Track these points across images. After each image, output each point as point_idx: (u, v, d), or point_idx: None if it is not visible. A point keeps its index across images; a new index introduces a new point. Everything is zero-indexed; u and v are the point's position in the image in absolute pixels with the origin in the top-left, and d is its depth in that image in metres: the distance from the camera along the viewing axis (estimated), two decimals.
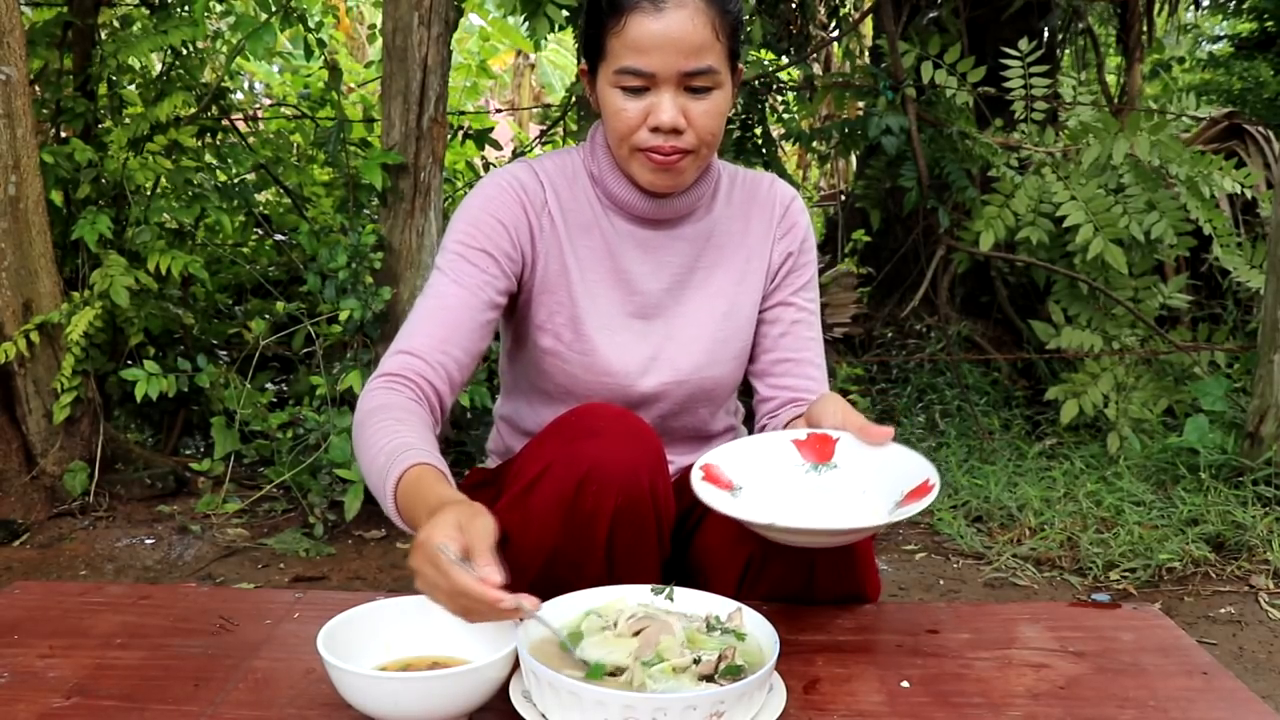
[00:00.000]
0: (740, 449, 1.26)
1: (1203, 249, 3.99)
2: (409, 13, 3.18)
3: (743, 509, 1.15)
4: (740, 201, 1.45)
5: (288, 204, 4.47)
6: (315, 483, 3.09)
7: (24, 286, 3.07)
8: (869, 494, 1.18)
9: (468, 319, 1.30)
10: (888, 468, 1.18)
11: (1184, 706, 1.02)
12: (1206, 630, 2.49)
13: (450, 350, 1.28)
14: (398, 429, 1.17)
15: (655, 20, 1.21)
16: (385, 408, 1.20)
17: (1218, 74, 7.52)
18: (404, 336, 1.29)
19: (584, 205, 1.39)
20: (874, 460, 1.19)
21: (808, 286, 1.47)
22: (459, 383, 1.30)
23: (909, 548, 3.06)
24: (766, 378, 1.45)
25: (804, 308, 1.46)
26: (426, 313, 1.30)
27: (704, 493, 1.17)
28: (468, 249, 1.32)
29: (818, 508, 1.19)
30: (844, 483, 1.20)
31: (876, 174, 4.43)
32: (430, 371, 1.26)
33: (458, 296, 1.30)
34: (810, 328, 1.47)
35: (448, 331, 1.29)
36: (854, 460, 1.21)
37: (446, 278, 1.32)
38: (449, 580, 0.94)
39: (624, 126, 1.28)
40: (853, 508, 1.19)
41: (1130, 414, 3.60)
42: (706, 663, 0.96)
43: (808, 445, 1.24)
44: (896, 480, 1.16)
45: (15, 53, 2.97)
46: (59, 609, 1.25)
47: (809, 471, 1.22)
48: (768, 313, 1.45)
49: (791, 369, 1.44)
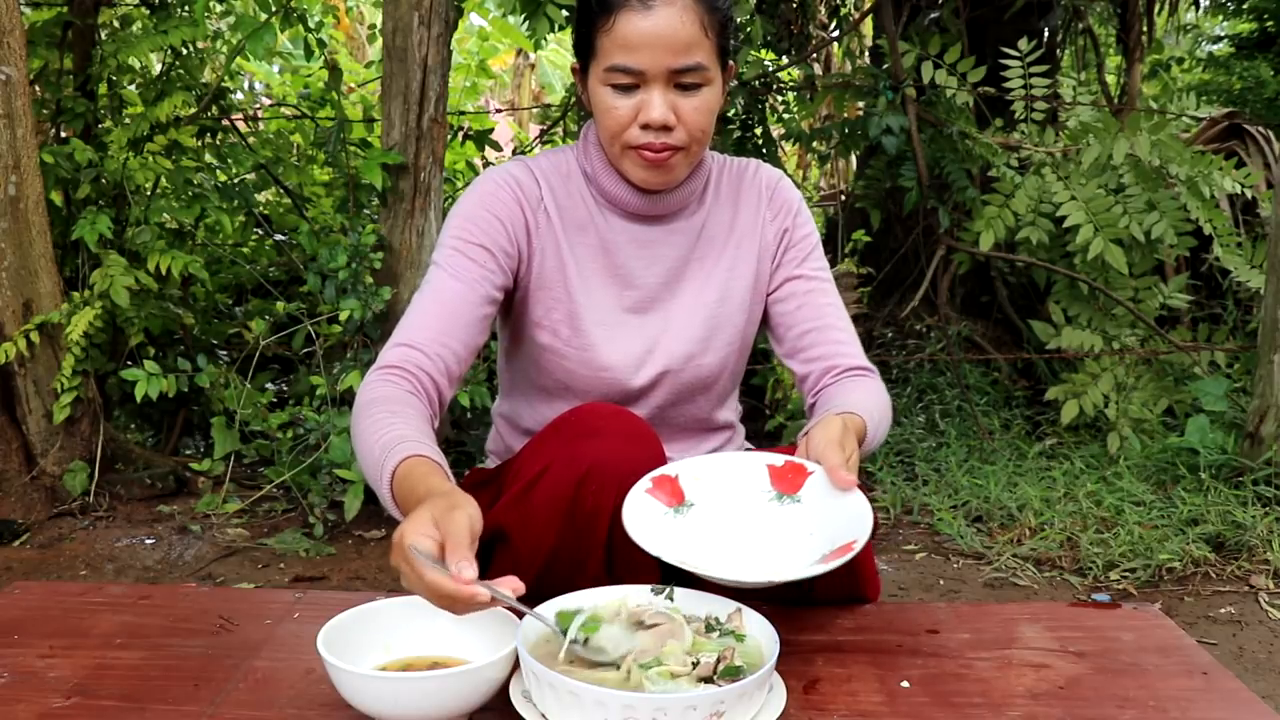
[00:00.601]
0: (713, 463, 1.23)
1: (1203, 249, 3.99)
2: (409, 13, 3.18)
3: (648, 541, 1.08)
4: (728, 191, 1.45)
5: (288, 204, 4.47)
6: (315, 483, 3.09)
7: (24, 286, 3.07)
8: (815, 537, 1.13)
9: (465, 313, 1.30)
10: (840, 515, 1.12)
11: (1184, 706, 1.02)
12: (1206, 630, 2.49)
13: (448, 343, 1.28)
14: (393, 421, 1.17)
15: (644, 18, 1.22)
16: (383, 400, 1.20)
17: (1218, 74, 7.52)
18: (402, 329, 1.29)
19: (579, 203, 1.40)
20: (834, 504, 1.14)
21: (813, 256, 1.46)
22: (457, 376, 1.30)
23: (909, 548, 3.06)
24: (797, 355, 1.44)
25: (812, 277, 1.45)
26: (425, 307, 1.31)
27: (635, 508, 1.13)
28: (465, 244, 1.33)
29: (759, 540, 1.15)
30: (798, 520, 1.16)
31: (876, 174, 4.42)
32: (429, 364, 1.26)
33: (455, 291, 1.30)
34: (825, 294, 1.46)
35: (446, 325, 1.29)
36: (817, 499, 1.16)
37: (444, 272, 1.32)
38: (422, 580, 0.93)
39: (615, 124, 1.28)
40: (788, 550, 1.13)
41: (1130, 414, 3.60)
42: (705, 664, 0.96)
43: (781, 473, 1.20)
44: (838, 532, 1.10)
45: (15, 53, 2.97)
46: (59, 609, 1.25)
47: (771, 500, 1.19)
48: (779, 291, 1.45)
49: (817, 338, 1.43)
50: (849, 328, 1.46)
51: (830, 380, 1.41)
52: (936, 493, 3.35)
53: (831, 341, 1.43)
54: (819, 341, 1.43)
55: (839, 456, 1.14)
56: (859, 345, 1.45)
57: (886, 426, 1.37)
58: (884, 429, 1.36)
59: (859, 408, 1.28)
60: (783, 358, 1.47)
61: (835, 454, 1.15)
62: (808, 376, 1.44)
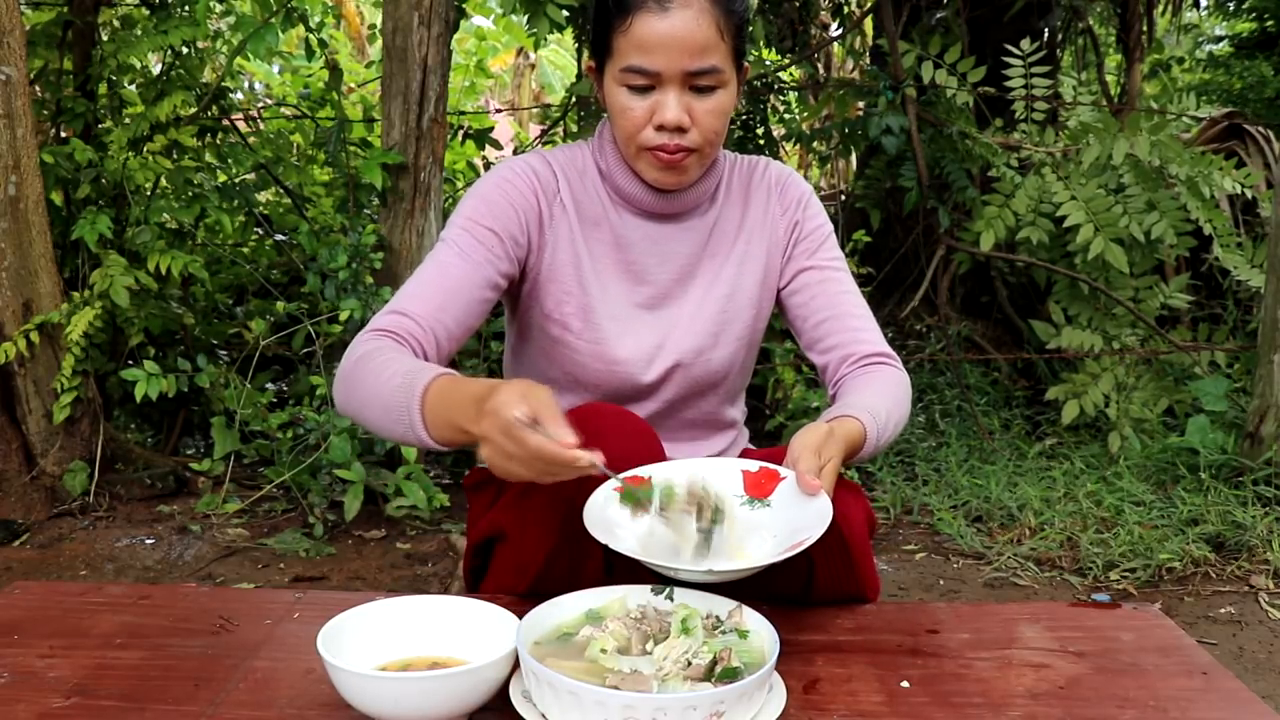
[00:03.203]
0: (689, 467, 1.23)
1: (1203, 249, 3.99)
2: (409, 13, 3.18)
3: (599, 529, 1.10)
4: (739, 188, 1.46)
5: (288, 204, 4.47)
6: (315, 483, 3.09)
7: (24, 286, 3.07)
8: (777, 538, 1.14)
9: (465, 291, 1.30)
10: (802, 518, 1.13)
11: (1184, 706, 1.02)
12: (1206, 630, 2.49)
13: (443, 319, 1.28)
14: (404, 359, 1.17)
15: (660, 20, 1.22)
16: (380, 349, 1.20)
17: (1218, 74, 7.52)
18: (400, 298, 1.29)
19: (594, 199, 1.40)
20: (800, 508, 1.15)
21: (825, 247, 1.46)
22: (446, 352, 1.30)
23: (909, 548, 3.06)
24: (816, 346, 1.44)
25: (825, 267, 1.45)
26: (426, 279, 1.31)
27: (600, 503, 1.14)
28: (475, 225, 1.33)
29: (724, 542, 1.15)
30: (762, 523, 1.17)
31: (876, 174, 4.43)
32: (421, 334, 1.26)
33: (459, 268, 1.31)
34: (839, 283, 1.45)
35: (444, 299, 1.29)
36: (786, 504, 1.17)
37: (451, 249, 1.32)
38: (525, 446, 0.96)
39: (630, 125, 1.29)
40: (747, 550, 1.14)
41: (1130, 414, 3.60)
42: (702, 665, 0.96)
43: (755, 478, 1.21)
44: (797, 533, 1.11)
45: (15, 53, 2.97)
46: (59, 609, 1.25)
47: (743, 505, 1.20)
48: (792, 284, 1.45)
49: (832, 326, 1.43)
50: (866, 314, 1.45)
51: (848, 370, 1.41)
52: (936, 493, 3.35)
53: (847, 330, 1.42)
54: (835, 330, 1.43)
55: (812, 462, 1.14)
56: (877, 331, 1.45)
57: (902, 416, 1.36)
58: (898, 420, 1.34)
59: (863, 408, 1.27)
60: (804, 350, 1.47)
61: (809, 460, 1.15)
62: (826, 367, 1.44)
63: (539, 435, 0.97)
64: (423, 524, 3.14)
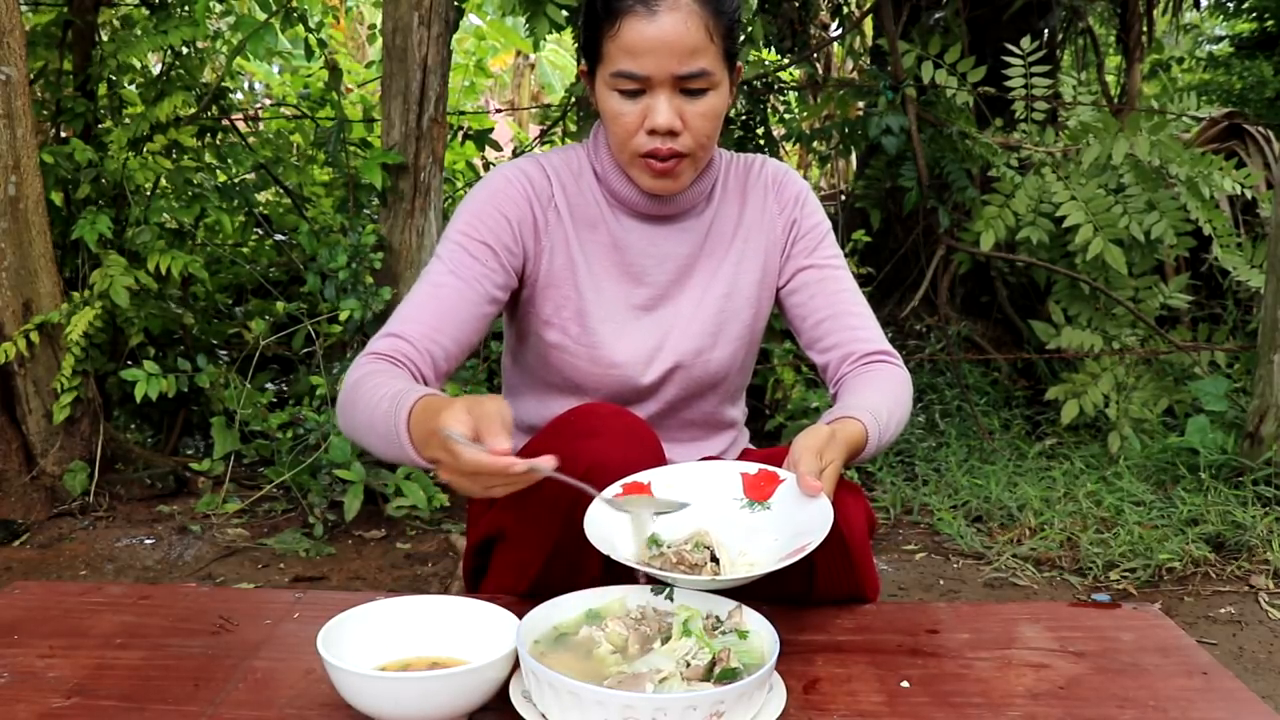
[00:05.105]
0: (688, 471, 1.23)
1: (1203, 249, 3.99)
2: (409, 13, 3.18)
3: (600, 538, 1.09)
4: (736, 187, 1.46)
5: (288, 204, 4.47)
6: (315, 483, 3.09)
7: (24, 286, 3.07)
8: (778, 542, 1.14)
9: (461, 310, 1.30)
10: (804, 520, 1.13)
11: (1184, 706, 1.02)
12: (1206, 630, 2.49)
13: (439, 339, 1.28)
14: (394, 382, 1.18)
15: (649, 23, 1.22)
16: (376, 373, 1.22)
17: (1218, 74, 7.51)
18: (395, 320, 1.30)
19: (590, 202, 1.40)
20: (801, 510, 1.14)
21: (823, 245, 1.46)
22: (444, 372, 1.30)
23: (909, 548, 3.06)
24: (816, 345, 1.44)
25: (824, 265, 1.45)
26: (420, 299, 1.31)
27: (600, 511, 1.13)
28: (469, 240, 1.33)
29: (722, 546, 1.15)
30: (764, 526, 1.17)
31: (876, 174, 4.43)
32: (417, 357, 1.26)
33: (453, 286, 1.31)
34: (838, 281, 1.45)
35: (439, 320, 1.29)
36: (786, 506, 1.17)
37: (445, 266, 1.32)
38: (459, 461, 0.96)
39: (622, 130, 1.29)
40: (750, 555, 1.14)
41: (1130, 414, 3.60)
42: (702, 665, 0.96)
43: (754, 480, 1.21)
44: (799, 536, 1.11)
45: (15, 53, 2.97)
46: (59, 609, 1.25)
47: (743, 508, 1.19)
48: (791, 283, 1.45)
49: (832, 325, 1.42)
50: (865, 312, 1.45)
51: (848, 369, 1.40)
52: (936, 493, 3.35)
53: (847, 328, 1.42)
54: (834, 329, 1.42)
55: (813, 464, 1.14)
56: (878, 329, 1.44)
57: (903, 415, 1.36)
58: (899, 419, 1.34)
59: (864, 409, 1.27)
60: (804, 349, 1.47)
61: (809, 461, 1.14)
62: (827, 366, 1.44)
63: (473, 449, 0.96)
64: (423, 524, 3.14)
